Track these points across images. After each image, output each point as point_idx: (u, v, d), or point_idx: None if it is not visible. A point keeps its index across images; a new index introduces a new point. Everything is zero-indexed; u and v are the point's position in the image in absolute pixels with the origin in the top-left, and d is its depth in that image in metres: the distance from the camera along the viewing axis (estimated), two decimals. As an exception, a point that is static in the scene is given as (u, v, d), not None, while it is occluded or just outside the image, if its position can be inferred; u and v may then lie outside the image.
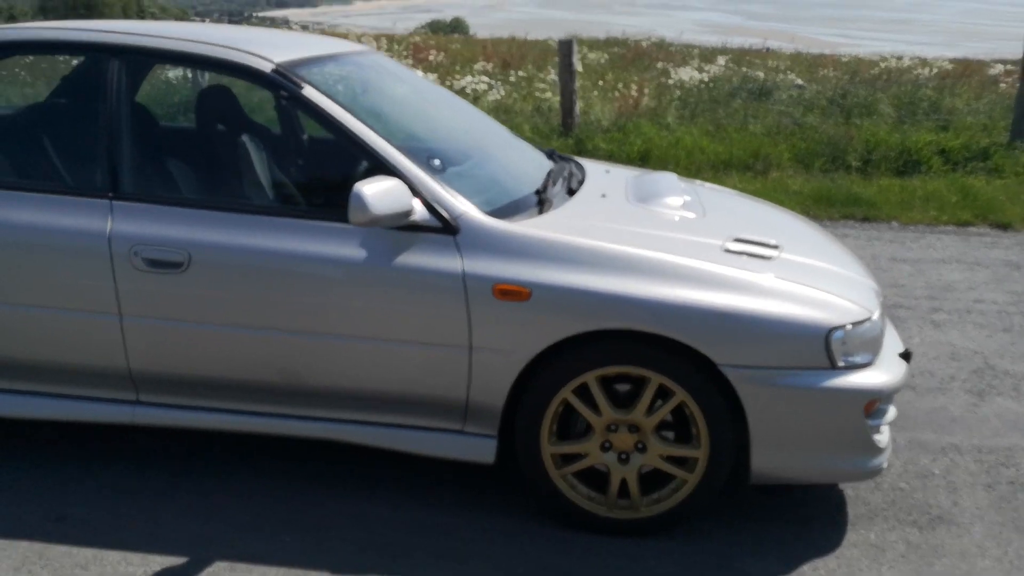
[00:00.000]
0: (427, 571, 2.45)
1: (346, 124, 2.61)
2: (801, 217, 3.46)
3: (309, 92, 2.65)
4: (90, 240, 2.61)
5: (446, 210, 2.54)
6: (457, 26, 45.48)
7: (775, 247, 2.73)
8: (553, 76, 10.67)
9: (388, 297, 2.53)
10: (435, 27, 38.67)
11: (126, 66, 2.73)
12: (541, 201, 2.78)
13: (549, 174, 3.08)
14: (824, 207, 6.52)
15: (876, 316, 2.55)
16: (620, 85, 10.12)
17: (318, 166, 3.27)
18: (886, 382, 2.48)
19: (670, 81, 10.17)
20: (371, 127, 2.62)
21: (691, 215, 2.90)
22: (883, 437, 2.55)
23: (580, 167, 3.38)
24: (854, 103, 8.81)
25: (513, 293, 2.46)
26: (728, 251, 2.63)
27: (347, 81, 3.00)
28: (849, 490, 2.89)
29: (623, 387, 2.58)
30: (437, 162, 2.70)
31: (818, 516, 2.75)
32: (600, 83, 10.21)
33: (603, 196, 2.97)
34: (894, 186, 7.02)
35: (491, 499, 2.79)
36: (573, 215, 2.73)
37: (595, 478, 2.64)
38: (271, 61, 2.70)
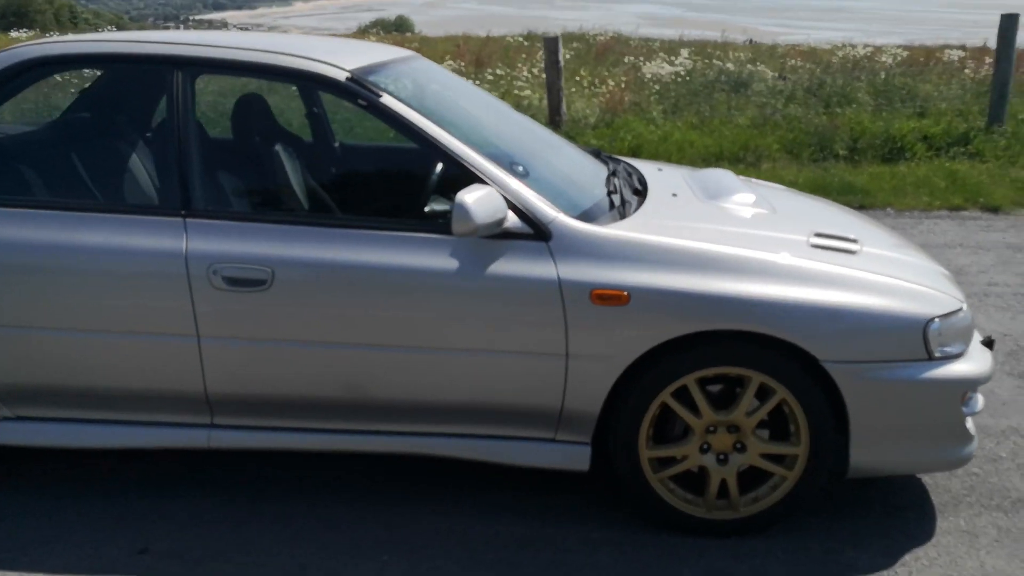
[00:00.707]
0: (538, 584, 2.42)
1: (429, 132, 2.55)
2: (852, 211, 3.49)
3: (388, 100, 2.58)
4: (166, 261, 2.51)
5: (537, 216, 2.50)
6: (402, 24, 45.09)
7: (855, 241, 2.75)
8: (527, 73, 10.65)
9: (480, 307, 2.48)
10: (380, 25, 38.29)
11: (192, 79, 2.62)
12: (621, 204, 2.76)
13: (610, 176, 3.06)
14: (820, 196, 6.61)
15: (966, 306, 2.58)
16: (597, 81, 10.13)
17: (393, 176, 3.19)
18: (980, 371, 2.52)
19: (646, 76, 10.21)
20: (453, 134, 2.57)
21: (764, 211, 2.91)
22: (972, 425, 2.58)
23: (632, 166, 3.36)
24: (832, 92, 8.95)
25: (611, 298, 2.43)
26: (815, 246, 2.64)
27: (408, 87, 2.93)
28: (927, 479, 2.92)
29: (715, 387, 2.58)
30: (521, 168, 2.66)
31: (907, 506, 2.78)
32: (576, 79, 10.20)
33: (674, 195, 2.96)
34: (884, 173, 7.16)
35: (586, 509, 2.76)
36: (655, 216, 2.71)
37: (691, 480, 2.63)
38: (344, 69, 2.62)
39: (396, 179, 3.10)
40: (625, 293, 2.43)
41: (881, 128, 7.81)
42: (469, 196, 2.35)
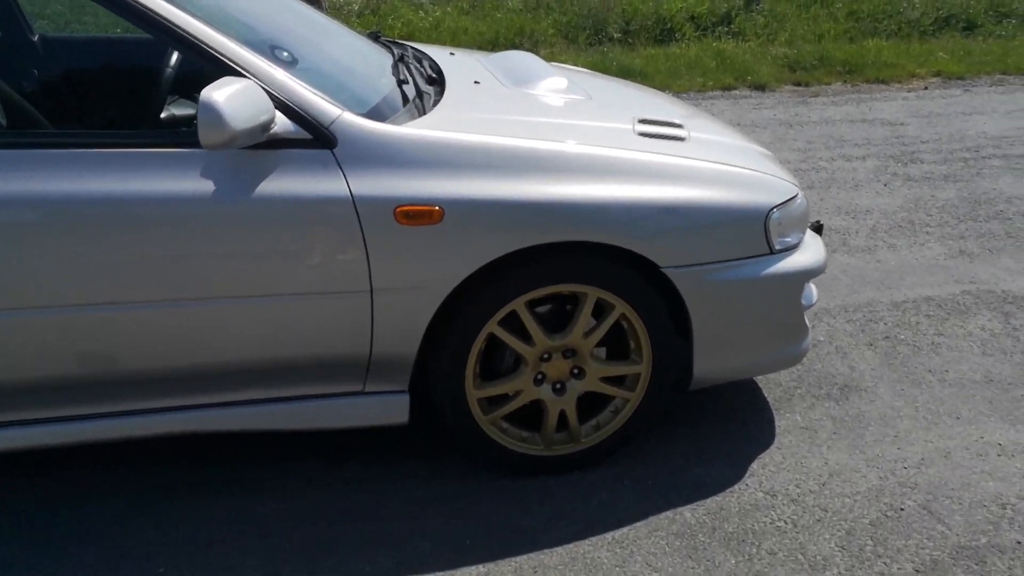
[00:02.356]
0: (364, 555, 2.00)
1: (156, 9, 1.87)
2: (660, 92, 3.21)
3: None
4: None
5: (315, 116, 1.94)
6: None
7: (681, 126, 2.45)
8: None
9: (250, 241, 1.92)
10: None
11: None
12: (418, 96, 2.25)
13: (397, 63, 2.53)
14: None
15: (800, 191, 2.37)
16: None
17: (115, 75, 2.41)
18: (817, 260, 2.35)
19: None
20: (189, 13, 1.91)
21: (579, 98, 2.52)
22: (807, 318, 2.43)
23: (420, 51, 2.84)
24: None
25: (421, 214, 1.96)
26: (642, 135, 2.30)
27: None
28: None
29: (543, 309, 2.21)
30: (286, 54, 2.06)
31: (741, 406, 2.63)
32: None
33: (476, 83, 2.49)
34: (658, 55, 7.08)
35: (403, 465, 2.35)
36: (460, 109, 2.23)
37: (524, 416, 2.29)
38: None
39: (120, 80, 2.36)
40: (437, 208, 1.96)
41: (651, 9, 7.71)
42: (218, 93, 1.74)
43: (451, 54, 2.91)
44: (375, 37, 2.91)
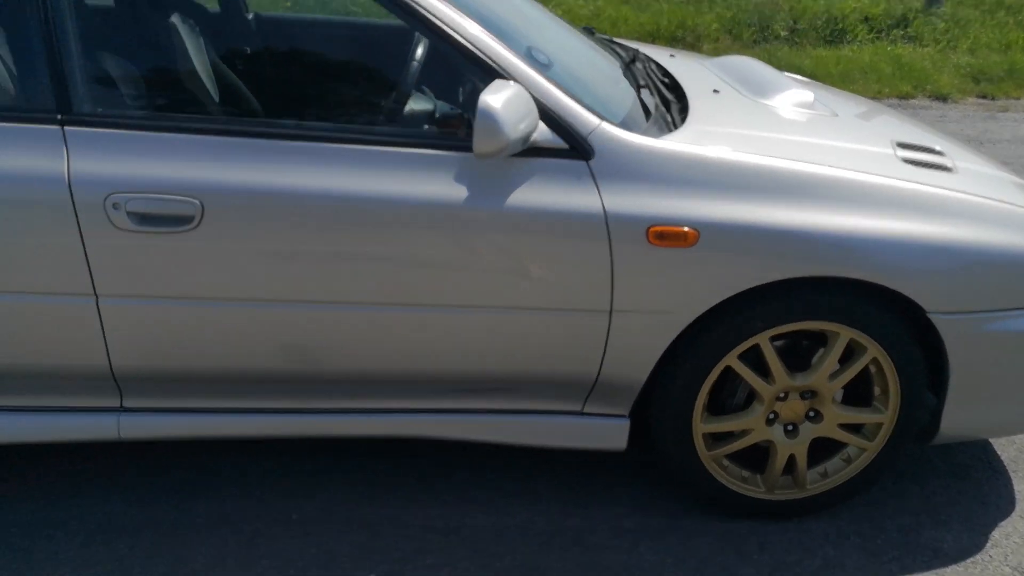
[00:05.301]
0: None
1: (426, 9, 1.79)
2: (891, 109, 2.96)
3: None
4: (39, 189, 1.72)
5: (575, 126, 1.82)
6: None
7: (942, 153, 2.22)
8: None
9: (496, 252, 1.83)
10: None
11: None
12: (664, 106, 2.11)
13: (629, 67, 2.39)
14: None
15: None
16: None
17: (355, 66, 2.37)
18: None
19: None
20: (461, 11, 1.82)
21: (825, 113, 2.32)
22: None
23: (638, 51, 2.68)
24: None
25: (675, 236, 1.82)
26: (908, 162, 2.09)
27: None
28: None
29: (780, 343, 2.04)
30: (544, 57, 1.95)
31: (972, 464, 2.39)
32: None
33: (716, 92, 2.32)
34: (829, 57, 6.70)
35: (610, 491, 2.23)
36: (711, 123, 2.07)
37: (749, 455, 2.13)
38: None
39: (361, 70, 2.30)
40: (692, 230, 1.82)
41: (822, 8, 7.31)
42: (495, 99, 1.64)
43: (671, 56, 2.75)
44: (590, 32, 2.78)
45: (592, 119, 1.84)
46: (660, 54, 2.73)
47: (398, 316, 1.87)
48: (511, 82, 1.74)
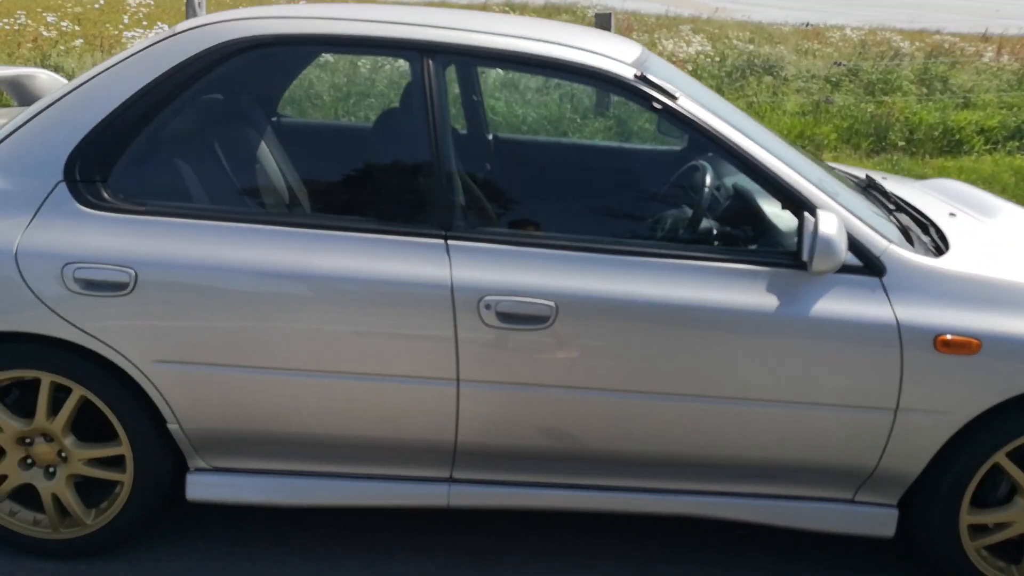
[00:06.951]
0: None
1: (738, 143, 2.14)
2: None
3: (685, 103, 2.16)
4: (426, 295, 2.07)
5: (869, 246, 2.13)
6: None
7: None
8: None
9: (799, 353, 2.11)
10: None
11: (443, 68, 2.15)
12: (924, 231, 2.40)
13: (866, 191, 2.70)
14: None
15: None
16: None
17: (661, 194, 2.74)
18: None
19: (675, 57, 9.83)
20: (761, 145, 2.17)
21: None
22: None
23: (854, 175, 3.00)
24: (875, 79, 8.74)
25: (960, 345, 2.08)
26: None
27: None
28: None
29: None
30: (830, 187, 2.27)
31: None
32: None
33: (952, 215, 2.62)
34: (949, 167, 6.97)
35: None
36: (971, 246, 2.35)
37: (1001, 548, 2.32)
38: (626, 63, 2.19)
39: (667, 197, 2.65)
40: (976, 340, 2.08)
41: (937, 119, 7.62)
42: (830, 227, 1.97)
43: (883, 178, 3.05)
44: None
45: (881, 240, 2.14)
46: (875, 177, 3.03)
47: (709, 408, 2.15)
48: (832, 213, 2.05)
